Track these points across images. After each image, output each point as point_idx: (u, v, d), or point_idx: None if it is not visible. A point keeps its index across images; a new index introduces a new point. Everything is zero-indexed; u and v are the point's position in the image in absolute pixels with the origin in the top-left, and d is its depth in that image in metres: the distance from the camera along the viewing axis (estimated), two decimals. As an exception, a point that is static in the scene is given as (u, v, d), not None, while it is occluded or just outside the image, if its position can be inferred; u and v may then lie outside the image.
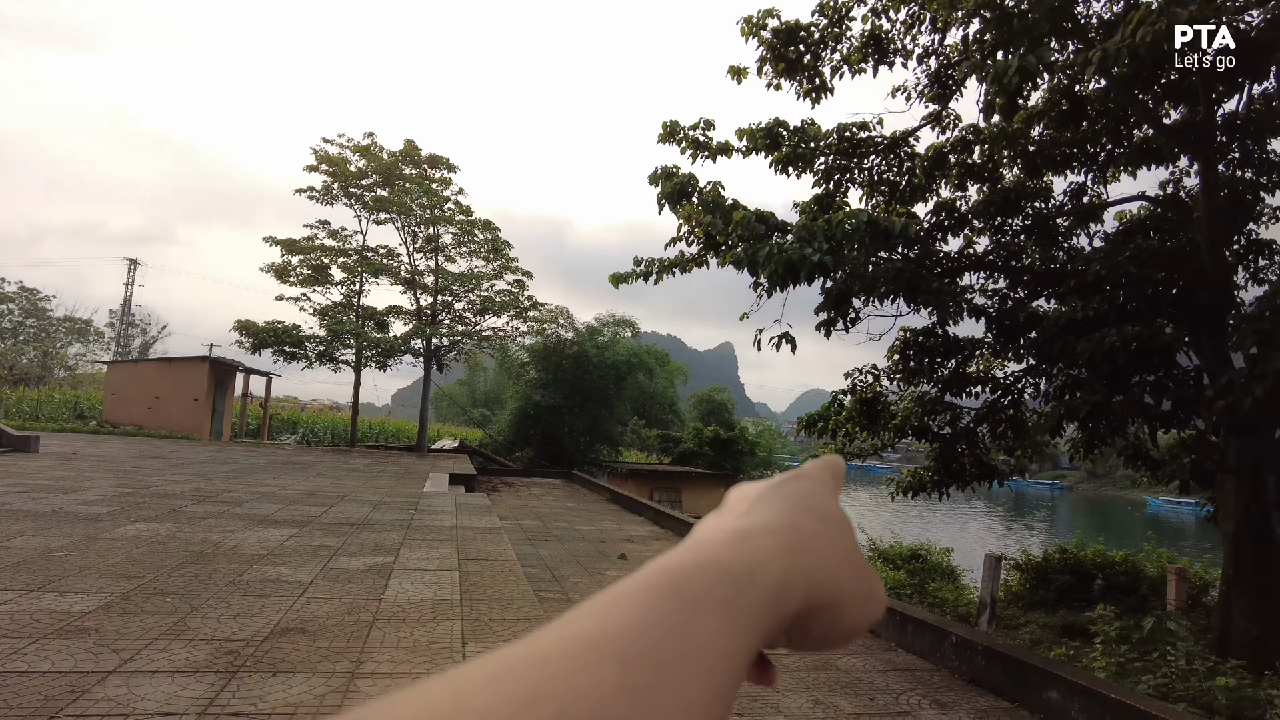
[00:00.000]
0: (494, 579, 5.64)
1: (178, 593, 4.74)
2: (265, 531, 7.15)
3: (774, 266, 8.12)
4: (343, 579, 5.29)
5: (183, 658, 3.49)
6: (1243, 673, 5.85)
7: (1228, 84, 10.36)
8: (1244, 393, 7.09)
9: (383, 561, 5.87)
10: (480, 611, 4.74)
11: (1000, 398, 12.99)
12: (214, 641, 3.76)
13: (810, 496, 0.39)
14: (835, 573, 0.35)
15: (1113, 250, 9.29)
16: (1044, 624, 10.82)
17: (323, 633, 4.05)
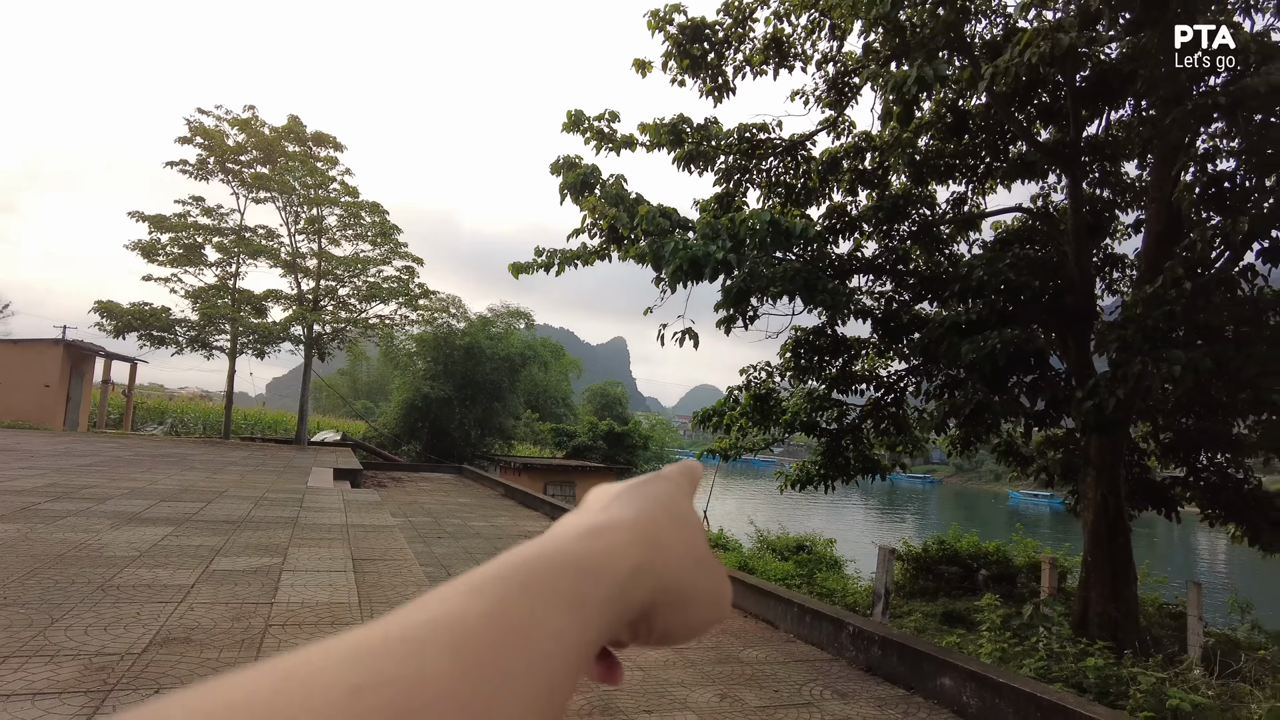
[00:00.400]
0: (393, 580, 5.37)
1: (34, 603, 4.23)
2: (135, 531, 6.56)
3: (679, 263, 8.14)
4: (228, 582, 4.90)
5: (43, 677, 3.09)
6: (1108, 653, 6.31)
7: (1091, 108, 11.19)
8: (1109, 394, 7.64)
9: (270, 562, 5.49)
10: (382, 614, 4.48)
11: (884, 395, 13.57)
12: (81, 657, 3.37)
13: (667, 497, 0.40)
14: (685, 571, 0.36)
15: (994, 258, 9.83)
16: (926, 612, 11.37)
17: (209, 642, 3.71)
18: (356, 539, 6.81)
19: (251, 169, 21.79)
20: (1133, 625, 9.93)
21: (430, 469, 23.08)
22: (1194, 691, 5.29)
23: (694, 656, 6.06)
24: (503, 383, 28.43)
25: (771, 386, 13.40)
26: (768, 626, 7.21)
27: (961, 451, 14.05)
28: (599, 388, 37.97)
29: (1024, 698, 4.79)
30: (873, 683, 5.74)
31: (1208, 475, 11.81)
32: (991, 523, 43.04)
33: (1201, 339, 7.89)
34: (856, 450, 13.75)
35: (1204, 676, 6.62)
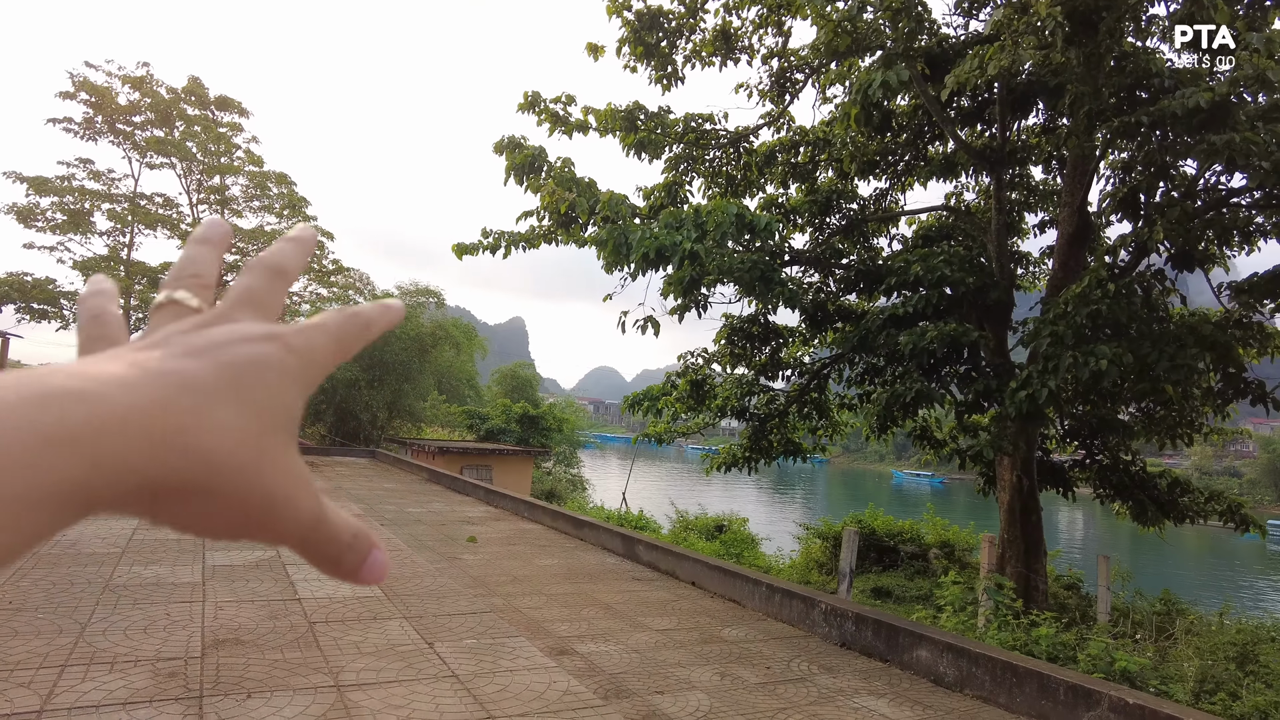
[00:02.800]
0: (401, 571, 5.27)
1: (45, 606, 3.91)
2: (98, 524, 6.13)
3: (645, 250, 8.25)
4: (238, 578, 4.69)
5: (121, 685, 2.90)
6: (1054, 622, 6.91)
7: (1012, 115, 11.96)
8: (1041, 385, 8.28)
9: (266, 555, 5.28)
10: (417, 608, 4.42)
11: (809, 382, 14.12)
12: (143, 663, 3.18)
13: (252, 373, 0.33)
14: (218, 470, 0.30)
15: (929, 254, 10.39)
16: (858, 588, 11.97)
17: (263, 642, 3.57)
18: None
19: (146, 131, 20.29)
20: (1042, 596, 10.83)
21: (342, 452, 22.33)
22: (1136, 654, 5.90)
23: (680, 638, 6.25)
24: (412, 364, 27.72)
25: (707, 373, 13.72)
26: (735, 605, 7.48)
27: (879, 436, 14.83)
28: (509, 369, 37.54)
29: (1000, 665, 5.22)
30: (851, 657, 6.08)
31: (1101, 458, 12.94)
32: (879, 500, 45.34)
33: (1118, 336, 8.63)
34: (780, 434, 14.28)
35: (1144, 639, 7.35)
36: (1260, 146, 7.31)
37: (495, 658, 3.63)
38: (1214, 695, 5.34)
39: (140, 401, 0.28)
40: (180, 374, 0.31)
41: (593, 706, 3.16)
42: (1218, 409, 11.31)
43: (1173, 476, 12.92)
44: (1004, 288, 11.05)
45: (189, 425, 0.29)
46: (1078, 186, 11.09)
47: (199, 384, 0.31)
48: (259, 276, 0.39)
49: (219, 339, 0.33)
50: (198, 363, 0.32)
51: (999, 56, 7.44)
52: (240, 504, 0.31)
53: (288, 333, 0.36)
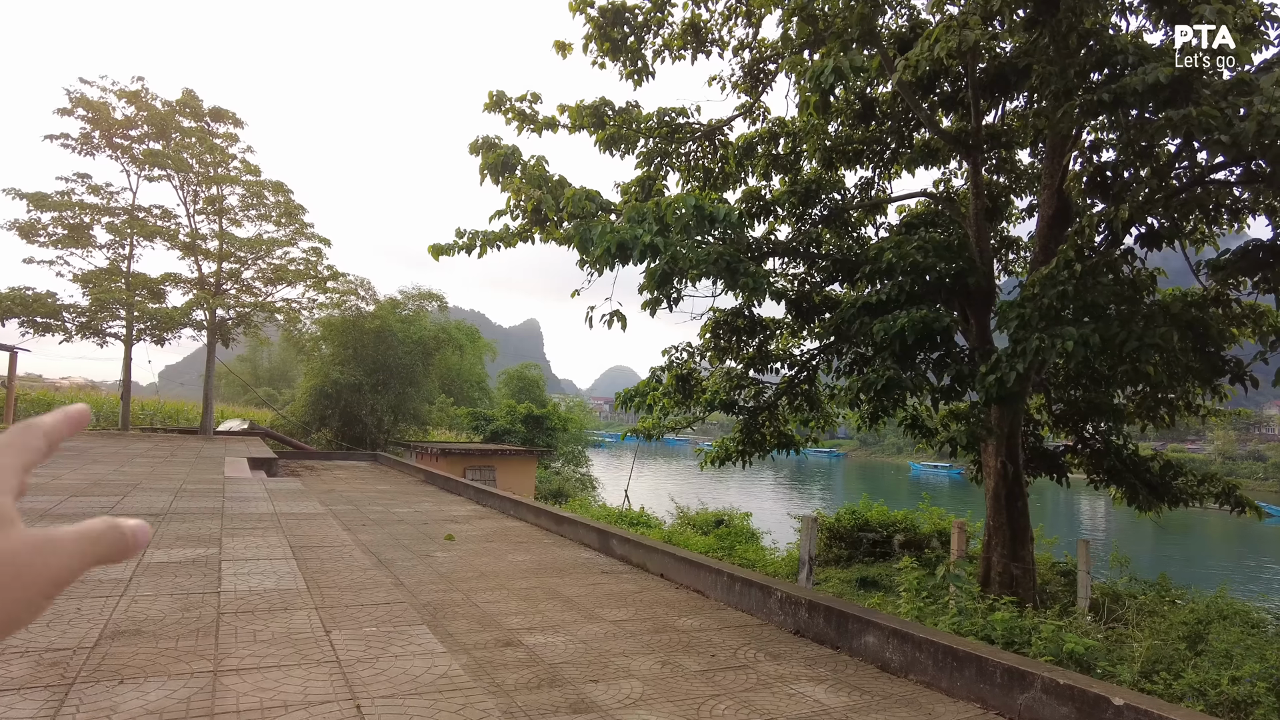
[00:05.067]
0: (336, 566, 5.33)
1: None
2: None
3: (606, 245, 8.26)
4: (167, 574, 4.77)
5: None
6: (1012, 607, 6.86)
7: (990, 99, 11.85)
8: (1009, 368, 8.21)
9: (206, 553, 5.36)
10: (334, 599, 4.48)
11: (798, 374, 14.07)
12: (30, 654, 3.25)
13: None
14: None
15: (902, 241, 10.33)
16: (843, 578, 11.94)
17: (163, 632, 3.63)
18: (289, 527, 6.70)
19: (143, 144, 20.55)
20: (1030, 581, 10.72)
21: (343, 456, 22.53)
22: (1086, 637, 5.85)
23: (632, 628, 6.26)
24: (416, 367, 27.90)
25: (693, 367, 13.70)
26: (699, 596, 7.48)
27: (870, 425, 14.73)
28: (516, 371, 37.69)
29: (942, 650, 5.19)
30: (801, 644, 6.07)
31: (1093, 443, 12.80)
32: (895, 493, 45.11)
33: (1090, 317, 8.53)
34: (772, 427, 14.24)
35: (1094, 623, 7.28)
36: (1219, 120, 7.19)
37: (387, 645, 3.67)
38: (1159, 675, 5.28)
39: None
40: None
41: (462, 689, 3.18)
42: (1216, 390, 11.12)
43: (1165, 459, 12.77)
44: (983, 272, 10.96)
45: None
46: (1057, 168, 10.98)
47: None
48: None
49: None
50: None
51: (946, 38, 7.39)
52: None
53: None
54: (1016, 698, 4.70)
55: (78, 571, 0.42)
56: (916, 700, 4.96)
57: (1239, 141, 7.20)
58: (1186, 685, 5.02)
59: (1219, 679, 5.01)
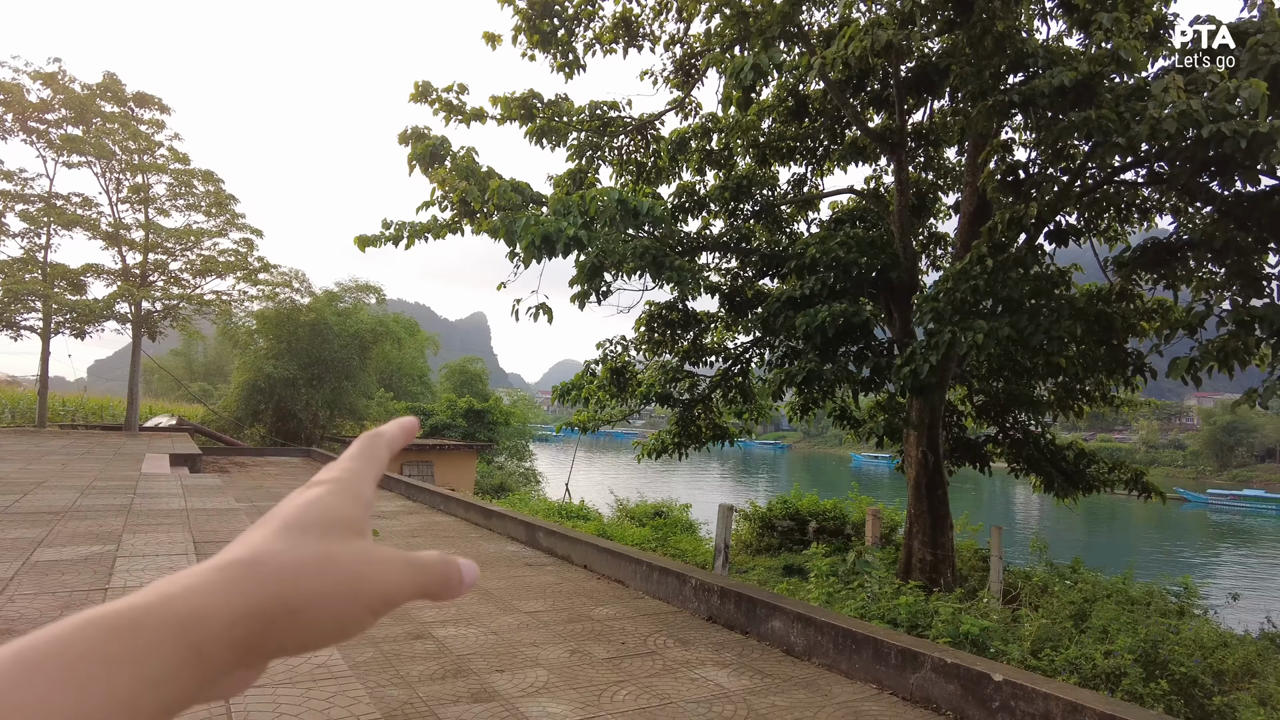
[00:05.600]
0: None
1: None
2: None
3: (531, 238, 8.25)
4: (53, 572, 4.63)
5: None
6: (919, 592, 7.09)
7: (916, 98, 12.15)
8: (923, 360, 8.46)
9: (102, 550, 5.21)
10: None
11: (731, 366, 14.27)
12: None
13: (310, 507, 0.41)
14: (294, 588, 0.37)
15: (826, 237, 10.54)
16: (769, 566, 12.16)
17: (27, 631, 3.53)
18: (198, 523, 6.56)
19: (60, 129, 19.72)
20: (948, 567, 11.07)
21: (276, 452, 22.06)
22: (984, 618, 6.09)
23: (547, 618, 6.30)
24: (353, 361, 27.41)
25: (627, 360, 13.77)
26: (619, 586, 7.55)
27: (801, 416, 15.01)
28: (457, 365, 37.27)
29: (842, 633, 5.35)
30: (713, 630, 6.19)
31: (1013, 433, 13.25)
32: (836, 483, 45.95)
33: (1008, 310, 8.82)
34: (707, 419, 14.41)
35: (997, 605, 7.57)
36: (1117, 123, 7.51)
37: None
38: (1045, 652, 5.54)
39: (233, 606, 0.36)
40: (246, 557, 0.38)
41: (337, 677, 3.19)
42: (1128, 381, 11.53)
43: (1080, 448, 13.27)
44: (906, 267, 11.22)
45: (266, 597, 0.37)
46: (977, 167, 11.32)
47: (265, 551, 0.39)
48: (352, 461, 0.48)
49: (294, 497, 0.43)
50: (268, 534, 0.40)
51: (860, 38, 7.57)
52: (336, 610, 0.39)
53: (339, 475, 0.45)
54: (909, 677, 4.88)
55: (405, 598, 0.42)
56: (815, 682, 5.11)
57: (1134, 144, 7.53)
58: (1065, 660, 5.28)
59: (1094, 654, 5.29)
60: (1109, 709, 4.04)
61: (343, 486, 0.44)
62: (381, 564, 0.41)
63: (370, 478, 0.46)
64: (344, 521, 0.42)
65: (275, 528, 0.40)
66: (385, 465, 0.48)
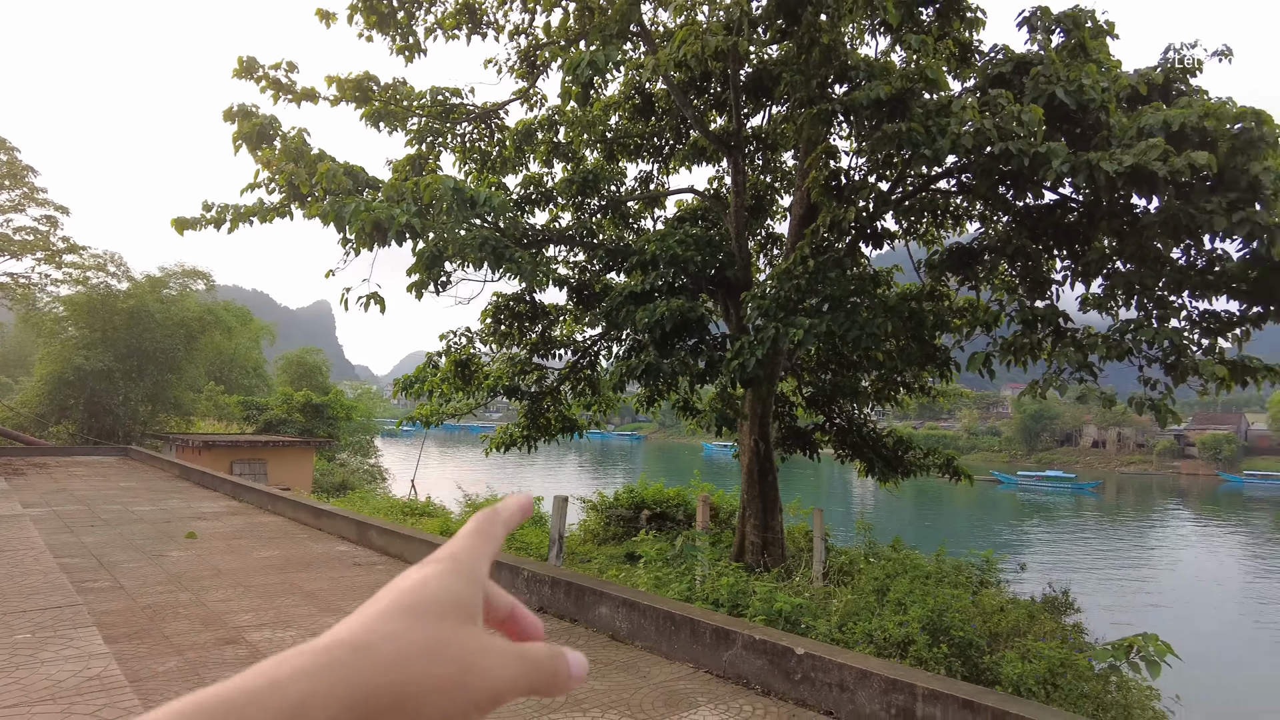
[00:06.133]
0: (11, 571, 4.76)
1: None
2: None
3: (361, 224, 7.98)
4: None
5: None
6: (741, 573, 7.46)
7: (754, 102, 12.67)
8: (750, 355, 8.87)
9: None
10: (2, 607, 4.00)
11: (580, 359, 14.38)
12: None
13: (423, 587, 0.40)
14: (404, 675, 0.36)
15: (666, 235, 10.82)
16: (612, 554, 12.38)
17: None
18: (-32, 532, 5.92)
19: None
20: (778, 549, 11.68)
21: (86, 452, 20.13)
22: (797, 595, 6.50)
23: (372, 617, 6.14)
24: (178, 351, 25.40)
25: (473, 352, 13.57)
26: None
27: (647, 408, 15.32)
28: (296, 355, 35.33)
29: (663, 616, 5.55)
30: (543, 620, 6.24)
31: (839, 421, 14.14)
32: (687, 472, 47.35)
33: (832, 308, 9.38)
34: (556, 411, 14.45)
35: (821, 584, 8.09)
36: (924, 136, 8.15)
37: (38, 650, 3.38)
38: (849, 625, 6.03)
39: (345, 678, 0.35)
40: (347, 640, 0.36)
41: (107, 690, 3.02)
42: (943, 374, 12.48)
43: (898, 436, 14.33)
44: (742, 265, 11.69)
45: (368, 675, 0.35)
46: (806, 171, 11.93)
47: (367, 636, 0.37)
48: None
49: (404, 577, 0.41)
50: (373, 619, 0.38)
51: (691, 42, 7.84)
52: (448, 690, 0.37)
53: (455, 552, 0.43)
54: (722, 655, 5.13)
55: (513, 695, 0.38)
56: (636, 665, 5.28)
57: (939, 156, 8.22)
58: (863, 632, 5.76)
59: (889, 624, 5.80)
60: (893, 674, 4.43)
61: (457, 566, 0.42)
62: (493, 655, 0.39)
63: (486, 557, 0.45)
64: (458, 604, 0.40)
65: (386, 608, 0.38)
66: (501, 545, 0.48)
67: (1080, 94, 8.21)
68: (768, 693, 4.81)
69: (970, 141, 7.93)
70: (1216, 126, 7.34)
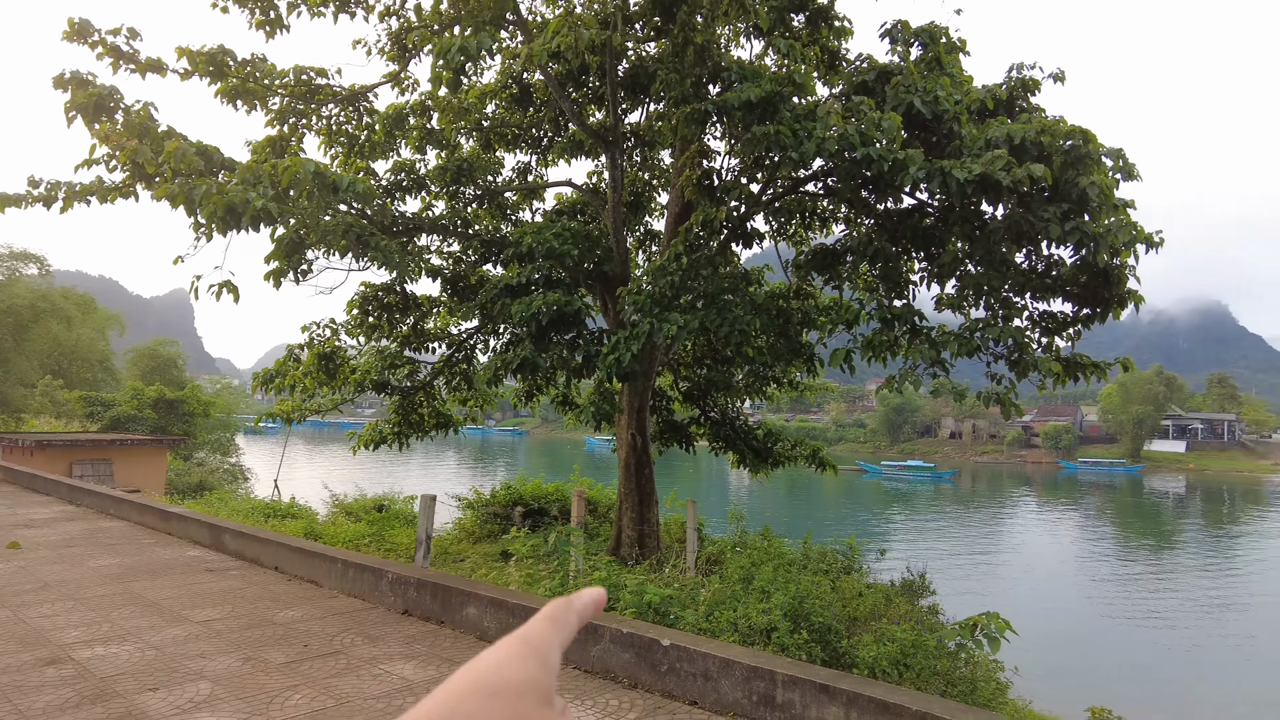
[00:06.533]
0: None
1: None
2: None
3: (213, 207, 7.46)
4: None
5: None
6: (615, 567, 7.49)
7: (633, 98, 12.72)
8: (625, 350, 8.91)
9: None
10: None
11: (455, 353, 14.05)
12: None
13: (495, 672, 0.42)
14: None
15: (543, 227, 10.70)
16: (486, 553, 12.17)
17: None
18: None
19: None
20: (655, 541, 11.82)
21: (-110, 454, 17.98)
22: (667, 587, 6.60)
23: (222, 626, 5.79)
24: (5, 343, 23.10)
25: (338, 344, 12.99)
26: (313, 586, 7.14)
27: (526, 403, 15.17)
28: (147, 348, 32.76)
29: (531, 613, 5.47)
30: (407, 623, 6.06)
31: (713, 414, 14.45)
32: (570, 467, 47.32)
33: (704, 305, 9.54)
34: (430, 407, 14.07)
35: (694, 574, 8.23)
36: (791, 140, 8.40)
37: None
38: (716, 614, 6.18)
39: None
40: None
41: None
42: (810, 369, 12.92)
43: (768, 428, 14.80)
44: (619, 261, 11.72)
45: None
46: (682, 169, 12.09)
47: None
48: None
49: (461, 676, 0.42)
50: None
51: (565, 34, 7.78)
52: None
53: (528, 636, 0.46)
54: (590, 650, 5.13)
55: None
56: (504, 664, 5.19)
57: (805, 159, 8.50)
58: (728, 620, 5.91)
59: (752, 612, 5.99)
60: (754, 661, 4.55)
61: (532, 650, 0.44)
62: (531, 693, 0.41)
63: (559, 645, 0.46)
64: (535, 687, 0.42)
65: (466, 688, 0.39)
66: (574, 634, 0.49)
67: (936, 105, 8.69)
68: (635, 686, 4.84)
69: (834, 146, 8.23)
70: (1051, 142, 7.94)
